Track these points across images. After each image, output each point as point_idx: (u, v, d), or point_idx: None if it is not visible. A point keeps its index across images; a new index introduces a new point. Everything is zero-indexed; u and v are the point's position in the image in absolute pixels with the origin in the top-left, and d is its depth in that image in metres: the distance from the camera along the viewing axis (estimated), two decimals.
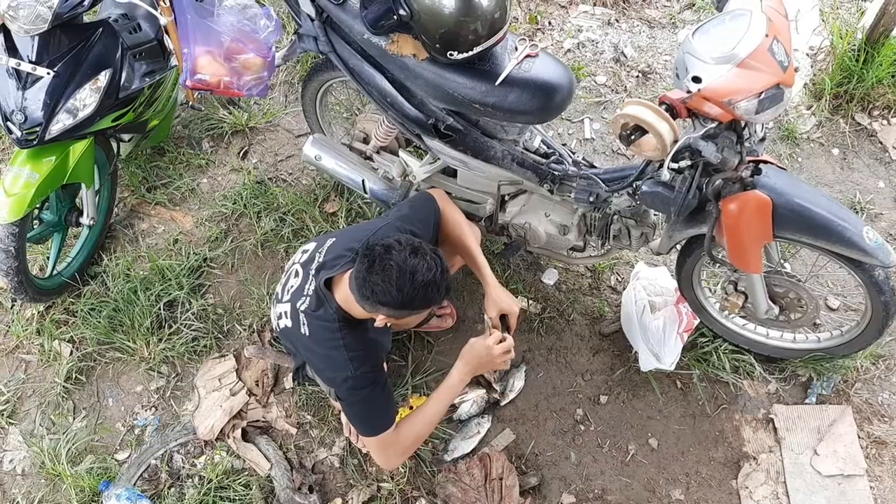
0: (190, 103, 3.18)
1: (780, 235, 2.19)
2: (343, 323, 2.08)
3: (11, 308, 2.97)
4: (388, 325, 2.08)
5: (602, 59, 3.63)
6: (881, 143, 3.33)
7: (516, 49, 2.29)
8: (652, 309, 2.68)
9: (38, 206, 2.69)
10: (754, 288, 2.41)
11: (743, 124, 1.99)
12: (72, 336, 2.88)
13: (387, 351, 2.43)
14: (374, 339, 2.19)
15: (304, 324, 2.14)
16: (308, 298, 2.14)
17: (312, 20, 2.47)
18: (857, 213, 3.09)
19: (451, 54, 2.22)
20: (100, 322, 2.85)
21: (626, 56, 3.63)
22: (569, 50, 3.66)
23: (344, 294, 2.05)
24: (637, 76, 3.58)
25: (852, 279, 2.37)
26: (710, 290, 2.70)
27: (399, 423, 2.17)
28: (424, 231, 2.26)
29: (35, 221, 2.79)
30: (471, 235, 2.37)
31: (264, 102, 3.48)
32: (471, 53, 2.22)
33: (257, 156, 3.38)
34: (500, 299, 2.26)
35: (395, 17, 2.23)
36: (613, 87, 3.55)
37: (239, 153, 3.38)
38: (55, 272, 2.92)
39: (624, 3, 3.84)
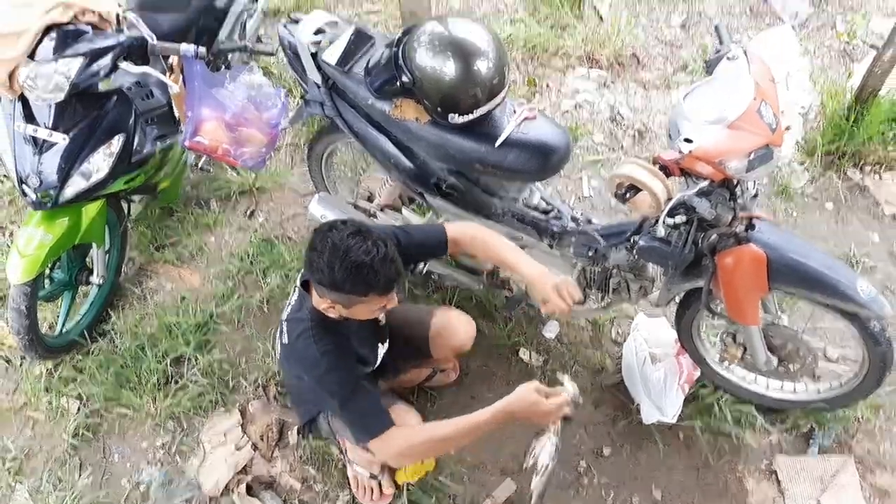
0: (199, 165, 3.26)
1: (775, 288, 2.24)
2: (314, 322, 2.05)
3: (21, 366, 3.00)
4: (369, 322, 2.08)
5: (599, 118, 3.73)
6: (874, 197, 3.40)
7: (515, 111, 2.38)
8: (653, 360, 2.70)
9: (49, 265, 2.75)
10: (752, 339, 2.44)
11: (735, 182, 2.05)
12: (79, 393, 2.90)
13: (365, 368, 2.29)
14: (347, 345, 2.11)
15: (284, 332, 2.13)
16: (290, 307, 2.15)
17: (319, 87, 2.57)
18: (852, 266, 3.13)
19: (452, 117, 2.31)
20: (107, 379, 2.88)
21: (622, 116, 3.73)
22: (566, 111, 3.77)
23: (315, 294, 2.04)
24: (633, 135, 3.67)
25: (849, 330, 2.41)
26: (710, 342, 2.73)
27: (405, 428, 2.07)
28: (420, 239, 2.21)
29: (46, 280, 2.83)
30: (494, 237, 2.22)
31: (271, 164, 3.57)
32: (471, 117, 2.31)
33: (264, 214, 3.46)
34: (542, 291, 2.08)
35: (398, 83, 2.32)
36: (610, 145, 3.64)
37: (246, 212, 3.46)
38: (65, 330, 2.96)
39: (619, 66, 3.97)
